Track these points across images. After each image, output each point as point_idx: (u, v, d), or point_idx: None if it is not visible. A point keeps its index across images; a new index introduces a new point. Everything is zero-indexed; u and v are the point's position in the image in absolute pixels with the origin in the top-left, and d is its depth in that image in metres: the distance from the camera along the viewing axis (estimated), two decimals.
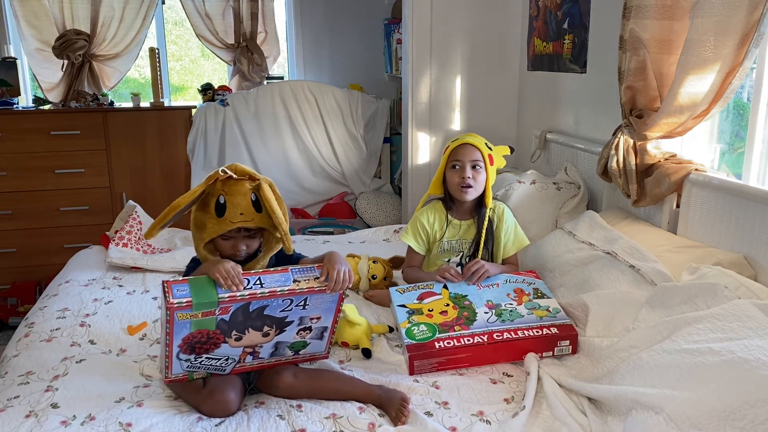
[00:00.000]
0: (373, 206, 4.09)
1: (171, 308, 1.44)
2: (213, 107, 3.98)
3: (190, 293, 1.46)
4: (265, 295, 1.51)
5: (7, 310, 3.61)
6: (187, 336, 1.50)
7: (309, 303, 1.57)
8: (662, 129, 2.00)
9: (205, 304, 1.47)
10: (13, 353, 1.89)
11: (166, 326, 1.48)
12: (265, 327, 1.57)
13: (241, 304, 1.50)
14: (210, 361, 1.58)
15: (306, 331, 1.64)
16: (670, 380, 1.44)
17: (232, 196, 1.59)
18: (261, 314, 1.55)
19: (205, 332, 1.51)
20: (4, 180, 3.63)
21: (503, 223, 2.22)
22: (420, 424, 1.54)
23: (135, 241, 2.71)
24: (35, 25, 3.84)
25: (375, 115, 4.25)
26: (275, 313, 1.56)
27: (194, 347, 1.53)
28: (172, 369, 1.56)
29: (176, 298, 1.45)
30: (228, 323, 1.53)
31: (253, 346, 1.60)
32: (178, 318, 1.46)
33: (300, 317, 1.60)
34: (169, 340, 1.49)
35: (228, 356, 1.59)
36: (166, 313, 1.46)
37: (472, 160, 2.15)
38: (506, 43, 3.37)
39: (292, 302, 1.55)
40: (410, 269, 2.28)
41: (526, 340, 1.84)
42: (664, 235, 2.13)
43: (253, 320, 1.55)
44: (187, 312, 1.46)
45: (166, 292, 1.46)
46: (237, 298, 1.49)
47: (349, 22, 4.49)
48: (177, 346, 1.51)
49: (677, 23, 1.94)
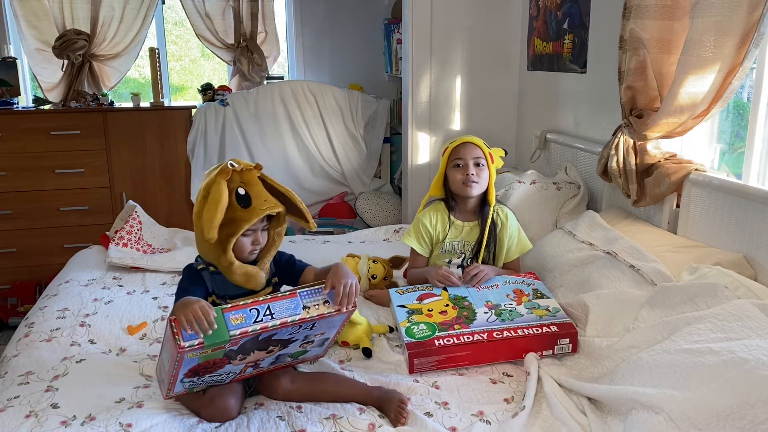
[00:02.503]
0: (373, 206, 4.09)
1: (181, 352, 1.37)
2: (213, 107, 3.98)
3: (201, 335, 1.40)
4: (276, 326, 1.47)
5: (7, 310, 3.61)
6: (194, 366, 1.47)
7: (317, 324, 1.55)
8: (662, 129, 2.00)
9: (217, 344, 1.41)
10: (13, 353, 1.89)
11: (174, 363, 1.41)
12: (270, 347, 1.55)
13: (252, 337, 1.47)
14: (212, 378, 1.57)
15: (309, 343, 1.63)
16: (670, 380, 1.44)
17: (250, 185, 1.58)
18: (269, 339, 1.52)
19: (212, 361, 1.48)
20: (4, 180, 3.63)
21: (507, 227, 2.22)
22: (420, 424, 1.54)
23: (135, 241, 2.71)
24: (35, 25, 3.84)
25: (375, 115, 4.25)
26: (282, 336, 1.53)
27: (198, 372, 1.51)
28: (174, 390, 1.53)
29: (187, 341, 1.38)
30: (236, 351, 1.50)
31: (256, 361, 1.58)
32: (188, 357, 1.41)
33: (306, 335, 1.58)
34: (175, 373, 1.45)
35: (230, 371, 1.57)
36: (176, 354, 1.39)
37: (475, 157, 2.15)
38: (506, 43, 3.37)
39: (300, 327, 1.53)
40: (413, 270, 2.28)
41: (526, 338, 1.84)
42: (664, 235, 2.13)
43: (261, 344, 1.52)
44: (198, 351, 1.41)
45: (175, 334, 1.39)
46: (249, 332, 1.44)
47: (349, 22, 4.49)
48: (183, 374, 1.48)
49: (677, 23, 1.94)
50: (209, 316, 1.40)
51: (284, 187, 1.65)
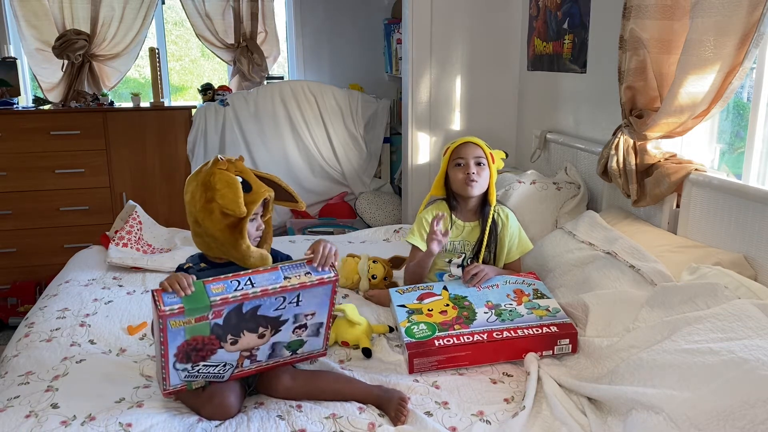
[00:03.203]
0: (373, 206, 4.10)
1: (163, 316, 1.41)
2: (213, 107, 3.98)
3: (181, 299, 1.44)
4: (257, 294, 1.49)
5: (7, 310, 3.61)
6: (182, 344, 1.48)
7: (302, 299, 1.57)
8: (662, 129, 2.00)
9: (198, 309, 1.45)
10: (13, 353, 1.89)
11: (159, 335, 1.45)
12: (260, 328, 1.56)
13: (234, 305, 1.49)
14: (208, 369, 1.56)
15: (302, 329, 1.64)
16: (670, 380, 1.44)
17: (245, 173, 1.67)
18: (255, 315, 1.53)
19: (200, 338, 1.49)
20: (4, 180, 3.63)
21: (507, 228, 2.22)
22: (420, 424, 1.54)
23: (135, 241, 2.71)
24: (35, 25, 3.84)
25: (375, 115, 4.25)
26: (269, 312, 1.55)
27: (190, 355, 1.51)
28: (170, 380, 1.54)
29: (167, 305, 1.42)
30: (222, 327, 1.51)
31: (250, 350, 1.59)
32: (171, 326, 1.43)
33: (294, 314, 1.59)
34: (164, 350, 1.46)
35: (225, 362, 1.58)
36: (158, 322, 1.43)
37: (476, 156, 2.16)
38: (506, 43, 3.37)
39: (285, 300, 1.54)
40: (409, 264, 2.27)
41: (526, 339, 1.84)
42: (664, 235, 2.13)
43: (247, 322, 1.54)
44: (180, 319, 1.43)
45: (156, 301, 1.43)
46: (229, 299, 1.47)
47: (349, 22, 4.49)
48: (173, 355, 1.49)
49: (677, 23, 1.94)
50: (188, 278, 1.48)
51: (268, 174, 1.77)
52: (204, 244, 1.67)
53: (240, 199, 1.59)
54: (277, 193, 1.77)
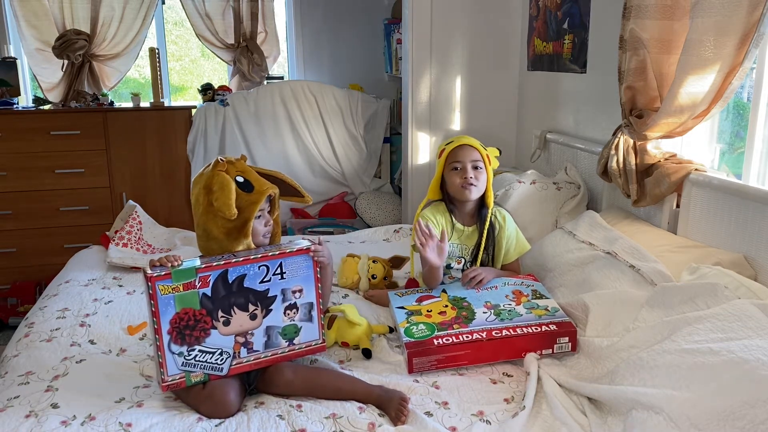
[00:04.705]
0: (373, 206, 4.10)
1: (151, 278, 1.51)
2: (213, 107, 3.98)
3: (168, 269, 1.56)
4: (239, 261, 1.60)
5: (7, 310, 3.61)
6: (174, 317, 1.54)
7: (285, 270, 1.64)
8: (662, 129, 2.00)
9: (184, 274, 1.55)
10: (13, 353, 1.89)
11: (151, 306, 1.53)
12: (249, 305, 1.62)
13: (219, 272, 1.58)
14: (204, 356, 1.59)
15: (293, 310, 1.68)
16: (670, 380, 1.44)
17: (247, 173, 1.70)
18: (242, 287, 1.60)
19: (191, 312, 1.56)
20: (4, 180, 3.63)
21: (505, 229, 2.21)
22: (420, 424, 1.54)
23: (135, 241, 2.71)
24: (35, 25, 3.84)
25: (375, 115, 4.25)
26: (255, 284, 1.62)
27: (183, 334, 1.56)
28: (167, 368, 1.56)
29: (155, 271, 1.54)
30: (211, 299, 1.58)
31: (244, 334, 1.62)
32: (161, 292, 1.52)
33: (282, 289, 1.65)
34: (157, 325, 1.53)
35: (221, 348, 1.60)
36: (148, 288, 1.52)
37: (473, 160, 2.14)
38: (506, 43, 3.37)
39: (268, 270, 1.62)
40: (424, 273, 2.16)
41: (525, 337, 1.84)
42: (664, 235, 2.13)
43: (236, 295, 1.60)
44: (168, 283, 1.52)
45: (146, 274, 1.53)
46: (213, 265, 1.58)
47: (349, 22, 4.49)
48: (166, 332, 1.55)
49: (677, 23, 1.94)
50: (178, 258, 1.59)
51: (271, 170, 1.80)
52: (211, 245, 1.72)
53: (231, 201, 1.63)
54: (282, 189, 1.80)
